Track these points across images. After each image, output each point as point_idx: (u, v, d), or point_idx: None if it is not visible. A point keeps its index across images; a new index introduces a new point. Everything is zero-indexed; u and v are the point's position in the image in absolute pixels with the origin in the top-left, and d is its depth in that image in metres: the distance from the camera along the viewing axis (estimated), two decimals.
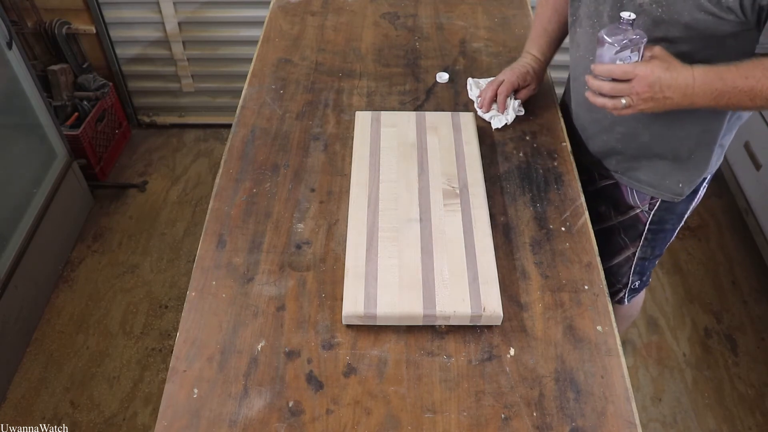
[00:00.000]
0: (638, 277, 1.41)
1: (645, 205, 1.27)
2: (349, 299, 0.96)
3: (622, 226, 1.33)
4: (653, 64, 0.96)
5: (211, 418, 0.87)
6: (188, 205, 2.43)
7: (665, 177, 1.21)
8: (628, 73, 0.97)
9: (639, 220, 1.29)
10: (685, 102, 0.97)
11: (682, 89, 0.96)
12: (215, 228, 1.12)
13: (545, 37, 1.30)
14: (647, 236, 1.31)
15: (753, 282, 2.17)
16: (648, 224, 1.29)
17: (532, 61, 1.31)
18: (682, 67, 0.96)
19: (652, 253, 1.36)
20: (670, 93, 0.97)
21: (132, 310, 2.06)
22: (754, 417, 1.82)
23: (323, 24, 1.63)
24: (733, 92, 0.95)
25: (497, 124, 1.30)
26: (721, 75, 0.95)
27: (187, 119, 2.77)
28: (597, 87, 1.01)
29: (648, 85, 0.96)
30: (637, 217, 1.29)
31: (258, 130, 1.31)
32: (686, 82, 0.95)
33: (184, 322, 0.98)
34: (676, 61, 0.97)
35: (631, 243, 1.34)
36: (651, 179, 1.22)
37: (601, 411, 0.88)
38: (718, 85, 0.95)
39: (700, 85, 0.95)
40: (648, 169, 1.22)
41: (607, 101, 1.01)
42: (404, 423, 0.87)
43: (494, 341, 0.96)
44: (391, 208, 1.09)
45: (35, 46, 2.39)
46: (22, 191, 2.00)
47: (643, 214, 1.28)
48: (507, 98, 1.29)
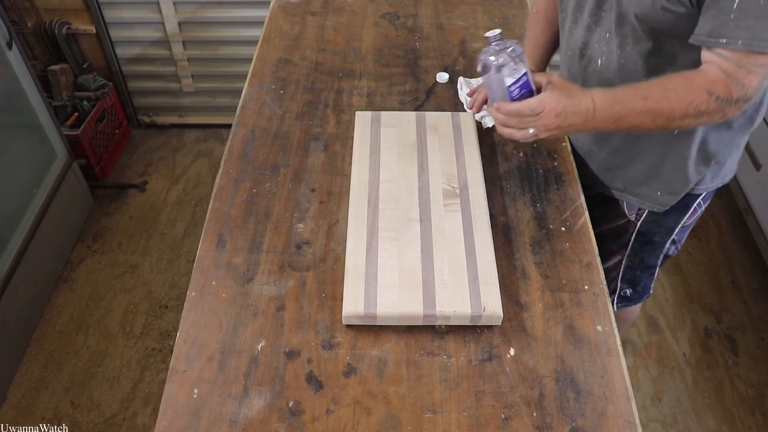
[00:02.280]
0: (628, 285, 1.41)
1: (632, 215, 1.28)
2: (349, 299, 0.96)
3: (611, 233, 1.34)
4: (557, 93, 0.97)
5: (211, 418, 0.87)
6: (188, 205, 2.43)
7: (643, 185, 1.21)
8: (536, 109, 0.98)
9: (627, 229, 1.30)
10: (588, 126, 0.98)
11: (583, 114, 0.97)
12: (215, 228, 1.12)
13: (539, 49, 1.30)
14: (634, 245, 1.31)
15: (753, 282, 2.17)
16: (635, 233, 1.29)
17: None
18: (582, 93, 0.97)
19: (641, 263, 1.35)
20: (574, 119, 0.98)
21: (132, 310, 2.06)
22: (754, 417, 1.82)
23: (323, 24, 1.63)
24: (633, 114, 0.95)
25: (489, 123, 1.31)
26: (620, 98, 0.96)
27: (187, 119, 2.77)
28: (503, 122, 1.03)
29: (555, 116, 0.97)
30: (626, 226, 1.30)
31: (258, 130, 1.31)
32: (587, 107, 0.96)
33: (184, 322, 0.98)
34: (575, 87, 0.99)
35: (618, 250, 1.35)
36: (629, 187, 1.23)
37: (601, 411, 0.88)
38: (617, 108, 0.96)
39: (600, 110, 0.96)
40: (625, 177, 1.23)
41: (515, 132, 1.03)
42: (404, 423, 0.87)
43: (494, 341, 0.96)
44: (391, 208, 1.09)
45: (35, 46, 2.39)
46: (22, 191, 2.00)
47: (631, 224, 1.29)
48: None
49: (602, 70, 1.12)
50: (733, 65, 0.89)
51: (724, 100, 0.92)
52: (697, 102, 0.92)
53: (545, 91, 0.99)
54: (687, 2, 0.92)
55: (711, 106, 0.92)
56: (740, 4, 0.85)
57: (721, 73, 0.90)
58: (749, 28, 0.85)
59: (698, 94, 0.92)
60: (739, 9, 0.85)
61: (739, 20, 0.85)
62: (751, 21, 0.85)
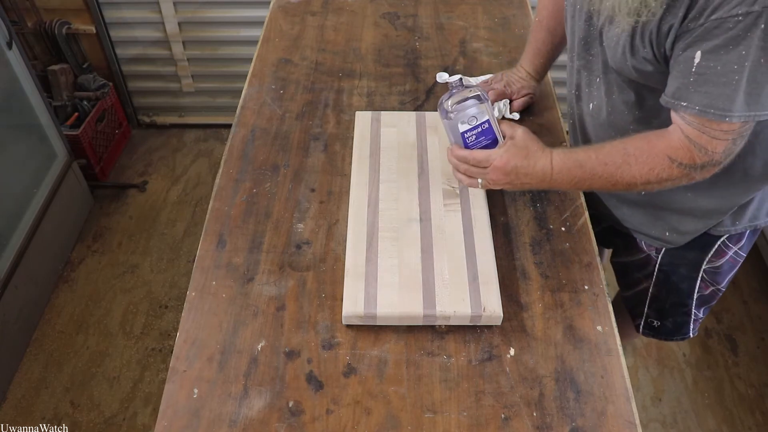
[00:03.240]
0: (656, 316, 1.36)
1: (652, 251, 1.25)
2: (349, 299, 0.96)
3: (635, 264, 1.32)
4: (510, 152, 0.97)
5: (211, 418, 0.87)
6: (188, 205, 2.43)
7: (651, 226, 1.19)
8: (482, 162, 0.98)
9: (649, 261, 1.27)
10: (544, 186, 0.98)
11: (539, 176, 0.96)
12: (215, 228, 1.12)
13: (540, 58, 1.29)
14: (658, 275, 1.28)
15: (753, 282, 2.16)
16: (658, 265, 1.26)
17: (527, 77, 1.31)
18: (541, 154, 0.96)
19: (669, 296, 1.30)
20: (528, 180, 0.97)
21: (132, 310, 2.06)
22: (754, 417, 1.82)
23: (323, 24, 1.63)
24: (593, 178, 0.94)
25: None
26: (581, 162, 0.94)
27: (187, 119, 2.77)
28: (454, 165, 1.04)
29: (504, 174, 0.97)
30: (647, 259, 1.28)
31: (258, 130, 1.31)
32: (543, 170, 0.96)
33: (184, 322, 0.98)
34: (536, 146, 0.97)
35: (645, 279, 1.32)
36: (638, 227, 1.21)
37: (601, 411, 0.88)
38: (577, 172, 0.94)
39: (558, 172, 0.95)
40: (632, 217, 1.21)
41: (463, 178, 1.03)
42: (404, 423, 0.87)
43: (494, 341, 0.96)
44: (391, 208, 1.09)
45: (35, 46, 2.39)
46: (22, 191, 2.00)
47: (652, 258, 1.26)
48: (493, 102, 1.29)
49: (594, 114, 1.10)
50: (695, 131, 0.86)
51: (687, 167, 0.88)
52: (658, 169, 0.90)
53: (501, 147, 0.99)
54: (655, 62, 0.89)
55: (673, 173, 0.90)
56: (698, 69, 0.82)
57: (684, 139, 0.87)
58: (707, 93, 0.82)
59: (659, 161, 0.89)
60: (697, 73, 0.82)
61: (698, 84, 0.82)
62: (709, 87, 0.82)
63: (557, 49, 1.27)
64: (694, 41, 0.82)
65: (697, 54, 0.81)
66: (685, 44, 0.83)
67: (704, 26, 0.80)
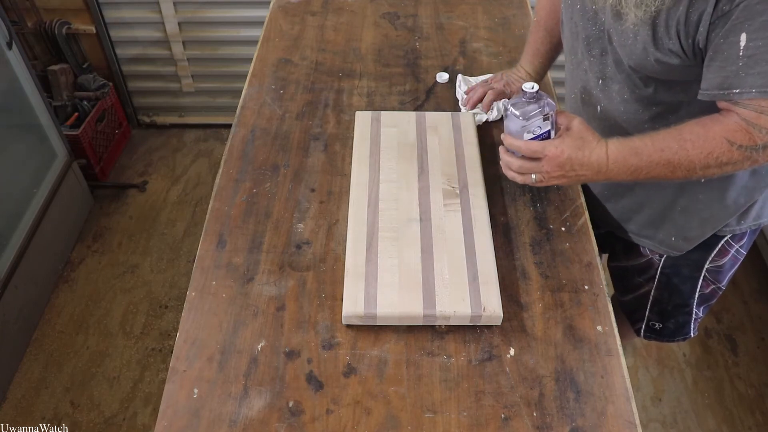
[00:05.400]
0: (658, 318, 1.36)
1: (655, 255, 1.24)
2: (349, 299, 0.96)
3: (635, 269, 1.31)
4: (565, 143, 0.93)
5: (211, 418, 0.87)
6: (188, 205, 2.43)
7: (657, 229, 1.18)
8: (537, 153, 0.95)
9: (651, 265, 1.27)
10: (600, 177, 0.95)
11: (595, 167, 0.93)
12: (215, 228, 1.12)
13: (539, 58, 1.29)
14: (660, 278, 1.27)
15: (753, 282, 2.16)
16: (660, 268, 1.25)
17: (527, 77, 1.30)
18: (597, 144, 0.93)
19: (671, 298, 1.30)
20: (583, 171, 0.94)
21: (132, 310, 2.06)
22: (754, 417, 1.81)
23: (323, 24, 1.63)
24: (651, 166, 0.91)
25: (480, 118, 1.32)
26: (637, 150, 0.91)
27: (187, 119, 2.76)
28: (506, 163, 1.00)
29: (558, 165, 0.94)
30: (649, 263, 1.27)
31: (258, 130, 1.31)
32: (599, 160, 0.93)
33: (184, 322, 0.98)
34: (592, 137, 0.94)
35: (645, 283, 1.31)
36: (643, 230, 1.21)
37: (601, 411, 0.88)
38: (634, 160, 0.91)
39: (614, 162, 0.92)
40: (638, 219, 1.20)
41: (516, 176, 1.00)
42: (404, 423, 0.87)
43: (494, 341, 0.96)
44: (391, 208, 1.09)
45: (35, 46, 2.39)
46: (22, 191, 2.00)
47: (654, 261, 1.25)
48: (492, 102, 1.29)
49: (603, 116, 1.09)
50: (753, 113, 0.83)
51: (748, 149, 0.85)
52: (718, 152, 0.86)
53: (556, 138, 0.96)
54: (682, 54, 0.88)
55: (734, 156, 0.86)
56: (746, 51, 0.80)
57: (741, 121, 0.84)
58: (761, 73, 0.80)
59: (717, 144, 0.86)
60: (746, 56, 0.80)
61: (749, 67, 0.80)
62: (761, 66, 0.80)
63: (556, 48, 1.27)
64: (735, 24, 0.80)
65: (743, 37, 0.79)
66: (725, 30, 0.81)
67: (743, 4, 0.78)
